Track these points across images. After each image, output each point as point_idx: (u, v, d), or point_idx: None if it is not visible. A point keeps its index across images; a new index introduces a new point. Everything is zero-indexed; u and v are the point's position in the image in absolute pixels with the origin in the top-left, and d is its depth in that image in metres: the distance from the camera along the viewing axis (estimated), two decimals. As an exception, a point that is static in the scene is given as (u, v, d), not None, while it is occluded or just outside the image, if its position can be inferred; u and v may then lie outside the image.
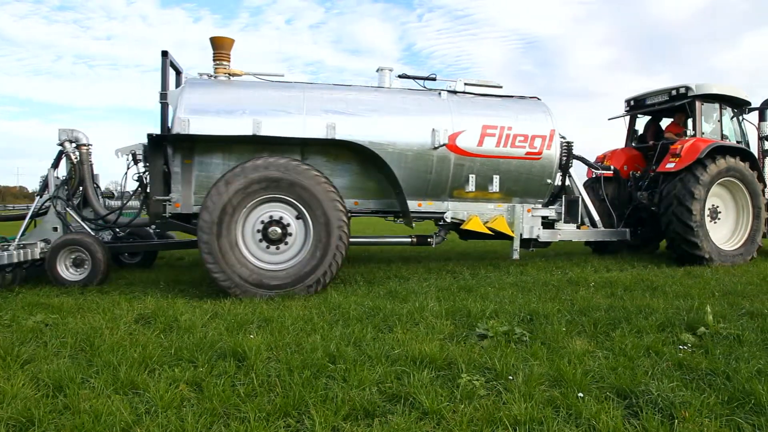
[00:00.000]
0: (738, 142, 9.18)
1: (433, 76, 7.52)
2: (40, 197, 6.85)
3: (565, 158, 7.58)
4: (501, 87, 7.71)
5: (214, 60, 6.84)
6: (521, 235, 7.29)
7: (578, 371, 2.93)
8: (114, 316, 4.33)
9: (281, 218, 5.84)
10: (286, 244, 5.88)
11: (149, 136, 5.75)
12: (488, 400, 2.60)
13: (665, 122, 9.85)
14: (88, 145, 7.15)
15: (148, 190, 6.36)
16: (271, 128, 6.15)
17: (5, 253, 5.60)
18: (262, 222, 5.79)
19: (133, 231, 7.79)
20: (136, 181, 6.70)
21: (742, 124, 9.43)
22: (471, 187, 7.03)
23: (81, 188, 6.95)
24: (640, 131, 10.13)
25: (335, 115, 6.48)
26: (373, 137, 6.47)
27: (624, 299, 5.08)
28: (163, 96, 6.34)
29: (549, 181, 7.43)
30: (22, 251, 5.84)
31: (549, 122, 7.39)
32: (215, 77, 6.72)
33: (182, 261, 8.75)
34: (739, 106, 9.38)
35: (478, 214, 7.09)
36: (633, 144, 9.99)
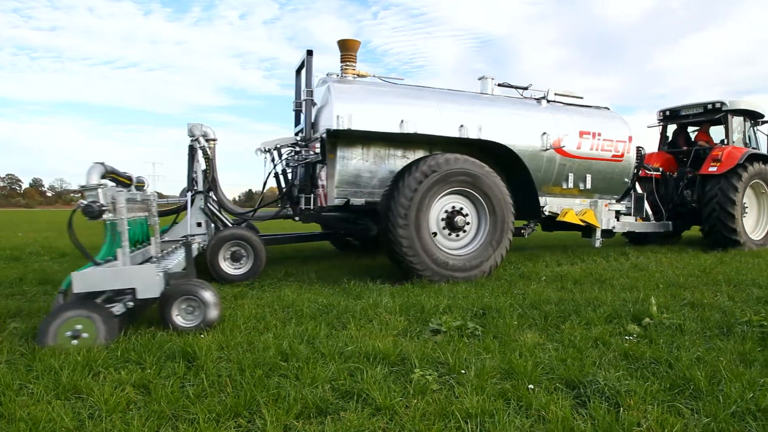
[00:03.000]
0: (753, 148, 10.53)
1: (528, 85, 8.33)
2: (191, 193, 6.69)
3: (638, 161, 8.83)
4: (582, 98, 8.75)
5: (342, 62, 7.26)
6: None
7: (529, 364, 2.98)
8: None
9: (461, 209, 6.49)
10: (464, 232, 6.56)
11: (327, 131, 6.09)
12: (441, 395, 2.62)
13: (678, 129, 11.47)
14: (215, 140, 7.24)
15: (285, 186, 7.12)
16: (415, 127, 6.60)
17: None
18: (446, 212, 6.40)
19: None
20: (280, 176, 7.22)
21: (756, 134, 11.00)
22: (568, 184, 8.00)
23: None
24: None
25: (468, 117, 7.07)
26: (505, 140, 7.18)
27: (574, 292, 5.20)
28: (309, 93, 6.76)
29: (626, 180, 8.61)
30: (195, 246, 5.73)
31: (627, 129, 8.61)
32: (344, 77, 7.09)
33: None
34: (755, 118, 10.97)
35: (571, 208, 8.01)
36: (665, 148, 11.35)
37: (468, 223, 6.52)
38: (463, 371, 2.92)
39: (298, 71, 7.68)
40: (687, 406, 2.49)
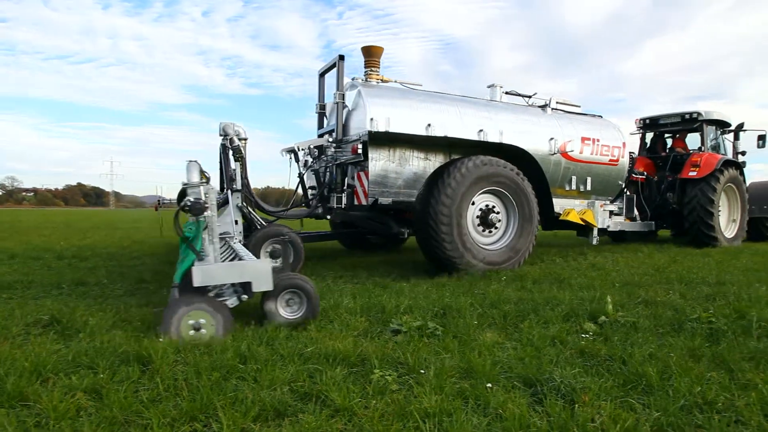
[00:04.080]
0: (722, 154, 11.50)
1: (534, 93, 9.08)
2: (229, 191, 6.62)
3: (630, 165, 9.82)
4: (579, 106, 9.51)
5: (366, 67, 7.63)
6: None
7: (488, 363, 3.01)
8: (4, 323, 4.00)
9: (494, 207, 7.12)
10: (496, 228, 7.19)
11: (369, 133, 6.34)
12: (400, 395, 2.62)
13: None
14: (246, 139, 7.34)
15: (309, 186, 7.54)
16: (444, 130, 7.16)
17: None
18: (481, 209, 7.00)
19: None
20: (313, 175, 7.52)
21: (724, 141, 12.07)
22: (571, 186, 8.68)
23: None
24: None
25: (486, 122, 7.67)
26: (523, 144, 7.70)
27: (533, 292, 5.29)
28: (342, 97, 7.17)
29: (621, 183, 9.47)
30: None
31: (621, 136, 9.48)
32: (368, 82, 7.46)
33: (87, 262, 8.24)
34: (723, 126, 12.07)
35: (573, 208, 8.66)
36: (645, 154, 12.18)
37: (500, 221, 7.17)
38: (422, 371, 2.93)
39: (322, 74, 8.14)
40: (639, 401, 2.55)
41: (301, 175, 7.62)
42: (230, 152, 6.96)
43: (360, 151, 6.40)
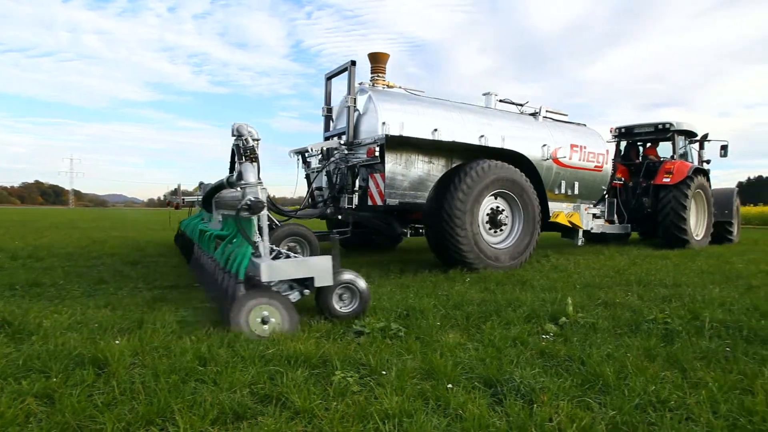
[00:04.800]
0: (689, 162, 12.36)
1: (526, 102, 9.69)
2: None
3: (613, 171, 10.55)
4: (567, 115, 10.18)
5: (372, 72, 7.99)
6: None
7: (449, 363, 3.02)
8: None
9: (501, 208, 7.51)
10: (503, 228, 7.58)
11: (386, 137, 6.63)
12: (361, 396, 2.61)
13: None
14: (258, 139, 7.28)
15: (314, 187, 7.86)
16: (445, 135, 7.60)
17: None
18: (490, 210, 7.40)
19: None
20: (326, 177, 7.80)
21: (690, 150, 13.02)
22: (560, 190, 9.25)
23: None
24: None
25: (486, 128, 8.19)
26: (521, 150, 8.09)
27: (496, 293, 5.34)
28: (353, 101, 7.47)
29: (604, 187, 10.29)
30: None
31: (604, 143, 10.31)
32: (375, 87, 7.81)
33: (42, 262, 8.00)
34: (690, 136, 13.03)
35: (561, 211, 9.13)
36: (619, 161, 12.69)
37: (507, 221, 7.62)
38: (384, 372, 2.93)
39: (330, 77, 8.35)
40: (596, 401, 2.60)
41: (308, 176, 7.99)
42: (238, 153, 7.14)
43: (377, 153, 6.64)
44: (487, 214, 7.37)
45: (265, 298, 3.83)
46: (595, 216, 10.28)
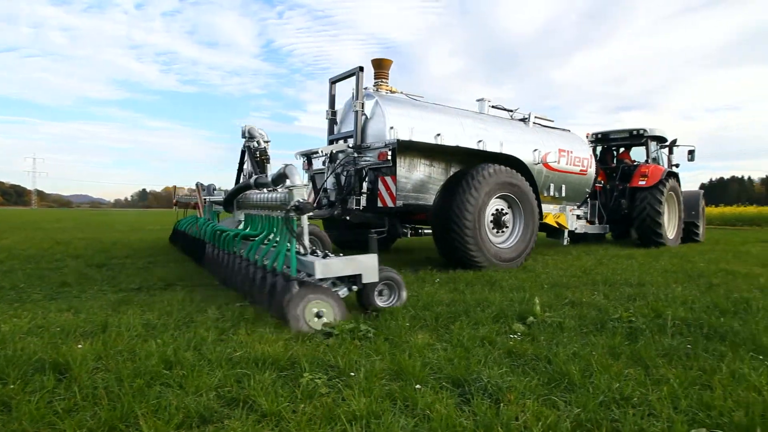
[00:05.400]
0: (663, 166, 12.93)
1: (516, 109, 10.13)
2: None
3: (596, 174, 11.08)
4: (553, 121, 10.73)
5: (376, 78, 8.23)
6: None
7: (417, 364, 3.03)
8: None
9: (503, 210, 7.92)
10: (506, 229, 7.99)
11: (398, 141, 6.94)
12: (329, 398, 2.60)
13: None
14: (268, 141, 7.93)
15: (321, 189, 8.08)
16: (447, 140, 7.97)
17: None
18: (495, 211, 7.78)
19: None
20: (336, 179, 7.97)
21: (661, 155, 13.66)
22: (549, 193, 9.68)
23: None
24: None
25: (483, 133, 8.63)
26: (518, 154, 8.48)
27: (465, 293, 5.38)
28: (361, 106, 7.69)
29: (588, 190, 10.90)
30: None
31: (588, 148, 10.96)
32: (379, 93, 8.07)
33: (2, 265, 7.76)
34: (662, 142, 13.63)
35: (550, 212, 9.58)
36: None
37: (509, 222, 8.03)
38: (352, 373, 2.92)
39: (334, 82, 8.54)
40: (562, 399, 2.63)
41: (312, 178, 8.28)
42: (248, 154, 7.71)
43: (389, 157, 6.88)
44: (492, 216, 7.75)
45: (319, 294, 4.06)
46: (578, 217, 10.87)
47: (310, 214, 4.59)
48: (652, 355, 3.30)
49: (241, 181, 8.42)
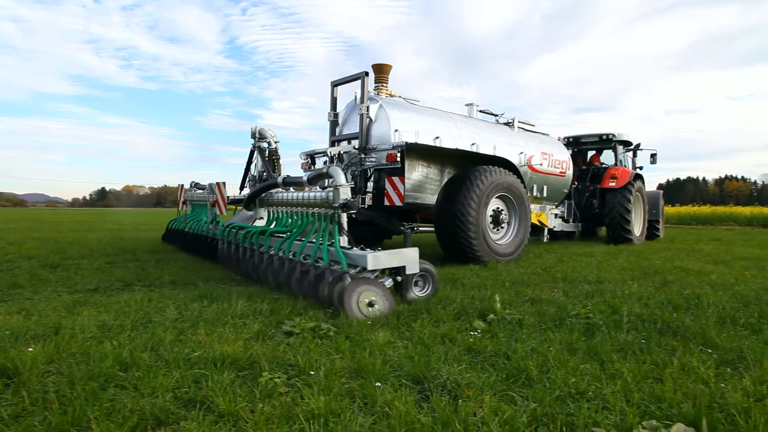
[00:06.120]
0: (630, 169, 13.82)
1: (501, 113, 10.91)
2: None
3: (573, 176, 11.78)
4: (534, 125, 11.39)
5: (376, 83, 8.63)
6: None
7: (378, 362, 3.03)
8: None
9: (501, 209, 8.52)
10: (503, 226, 8.62)
11: (407, 144, 7.31)
12: (287, 397, 2.58)
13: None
14: (278, 141, 8.66)
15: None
16: (446, 143, 8.42)
17: None
18: (494, 211, 8.38)
19: None
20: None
21: (626, 158, 14.47)
22: (532, 193, 10.23)
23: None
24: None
25: (476, 137, 9.12)
26: (508, 157, 9.11)
27: (427, 291, 5.39)
28: (367, 109, 8.06)
29: (566, 191, 11.67)
30: None
31: (566, 151, 11.62)
32: (379, 96, 8.44)
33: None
34: (627, 145, 14.53)
35: (533, 212, 10.01)
36: None
37: (506, 220, 8.63)
38: (312, 372, 2.91)
39: (336, 85, 8.85)
40: (519, 394, 2.67)
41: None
42: (263, 154, 8.17)
43: (399, 158, 7.22)
44: (491, 214, 8.31)
45: (370, 285, 4.40)
46: (556, 216, 11.74)
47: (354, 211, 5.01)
48: (607, 350, 3.37)
49: (248, 179, 8.96)
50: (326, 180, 6.88)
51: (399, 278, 4.78)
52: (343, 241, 5.14)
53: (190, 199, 10.63)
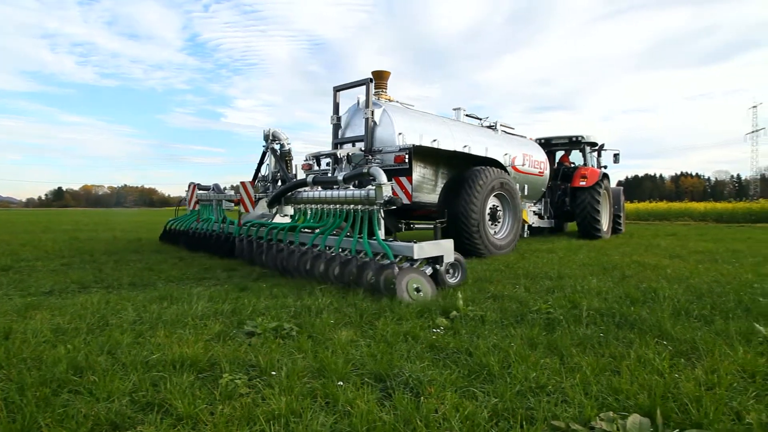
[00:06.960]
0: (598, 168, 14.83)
1: (486, 117, 11.47)
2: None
3: (550, 175, 12.71)
4: (514, 128, 12.21)
5: (376, 88, 9.04)
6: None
7: (340, 361, 3.02)
8: None
9: (497, 206, 9.34)
10: (500, 222, 9.46)
11: (414, 146, 7.85)
12: (248, 398, 2.54)
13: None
14: (290, 143, 9.28)
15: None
16: (443, 145, 9.03)
17: None
18: (491, 208, 9.15)
19: None
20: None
21: (592, 158, 15.13)
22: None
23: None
24: None
25: (467, 139, 9.82)
26: (498, 158, 9.85)
27: (391, 289, 5.39)
28: (372, 113, 8.53)
29: (543, 189, 12.67)
30: None
31: (543, 152, 12.57)
32: (379, 100, 8.91)
33: None
34: (594, 146, 15.26)
35: None
36: None
37: (502, 217, 9.42)
38: (273, 373, 2.88)
39: (338, 90, 9.29)
40: (481, 390, 2.69)
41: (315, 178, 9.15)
42: (276, 155, 8.73)
43: (407, 159, 7.71)
44: (489, 211, 8.96)
45: (416, 273, 4.94)
46: (534, 213, 12.65)
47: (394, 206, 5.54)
48: (567, 344, 3.43)
49: (258, 179, 9.37)
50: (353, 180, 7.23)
51: (438, 267, 5.28)
52: (381, 234, 5.60)
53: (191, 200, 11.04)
